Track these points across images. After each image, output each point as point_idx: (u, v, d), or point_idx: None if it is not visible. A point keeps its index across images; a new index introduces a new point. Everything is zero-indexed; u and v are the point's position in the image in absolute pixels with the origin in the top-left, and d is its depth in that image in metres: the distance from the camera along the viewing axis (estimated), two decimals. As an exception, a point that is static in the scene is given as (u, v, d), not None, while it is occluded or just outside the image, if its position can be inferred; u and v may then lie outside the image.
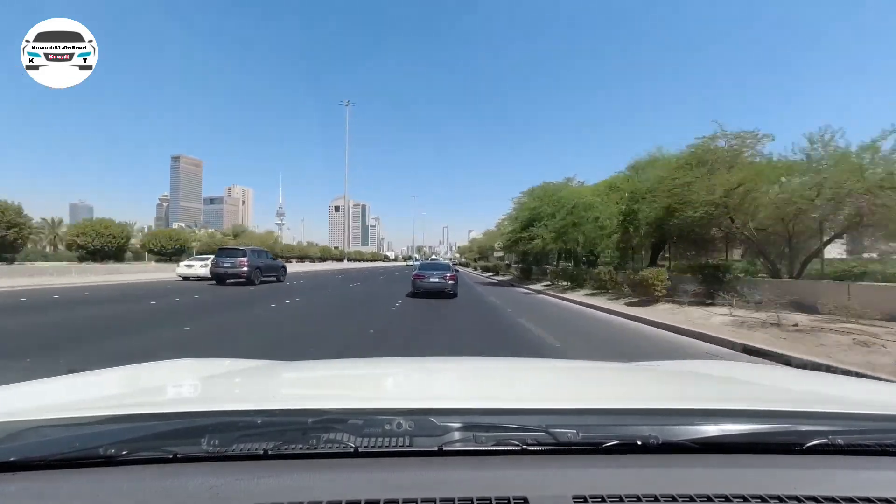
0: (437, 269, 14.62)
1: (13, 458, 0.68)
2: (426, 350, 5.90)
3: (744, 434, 0.79)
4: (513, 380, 1.53)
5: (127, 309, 9.71)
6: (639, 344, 6.92)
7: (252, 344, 6.15)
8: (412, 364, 1.94)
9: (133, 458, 0.70)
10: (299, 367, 1.76)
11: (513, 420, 0.79)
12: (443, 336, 7.09)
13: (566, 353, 6.13)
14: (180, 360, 1.76)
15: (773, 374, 1.70)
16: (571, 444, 0.73)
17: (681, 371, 1.71)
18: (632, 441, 0.74)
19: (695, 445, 0.75)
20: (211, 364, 1.68)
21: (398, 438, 0.72)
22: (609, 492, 0.64)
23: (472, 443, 0.73)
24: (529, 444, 0.73)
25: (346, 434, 0.72)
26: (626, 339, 7.29)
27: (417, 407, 0.85)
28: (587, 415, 0.86)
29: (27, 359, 4.74)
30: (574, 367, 2.06)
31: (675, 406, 0.97)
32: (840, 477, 0.73)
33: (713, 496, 0.64)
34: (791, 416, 0.85)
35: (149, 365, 1.65)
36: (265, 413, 0.84)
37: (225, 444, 0.70)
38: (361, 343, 6.34)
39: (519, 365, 2.03)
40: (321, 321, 8.69)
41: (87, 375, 1.35)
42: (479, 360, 2.46)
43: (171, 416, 0.81)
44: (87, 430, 0.74)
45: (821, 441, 0.75)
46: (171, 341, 6.18)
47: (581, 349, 6.54)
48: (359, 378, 1.55)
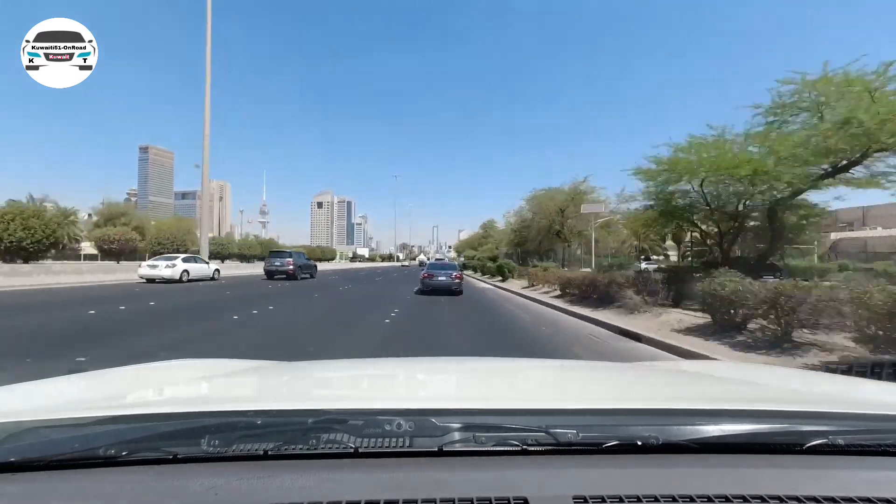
0: (444, 268, 15.84)
1: (13, 459, 0.68)
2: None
3: (744, 434, 0.79)
4: (513, 380, 1.54)
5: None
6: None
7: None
8: (412, 364, 1.94)
9: (133, 459, 0.70)
10: (299, 368, 1.76)
11: (513, 420, 0.79)
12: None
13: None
14: (180, 361, 1.76)
15: (774, 373, 1.70)
16: (571, 444, 0.73)
17: (681, 371, 1.71)
18: (632, 441, 0.74)
19: (695, 446, 0.75)
20: (211, 364, 1.68)
21: (398, 439, 0.72)
22: (609, 492, 0.64)
23: (472, 443, 0.73)
24: (529, 444, 0.73)
25: (346, 434, 0.72)
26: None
27: (417, 407, 0.86)
28: (587, 415, 0.86)
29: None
30: (574, 367, 2.06)
31: (675, 406, 0.97)
32: (840, 477, 0.73)
33: (713, 496, 0.64)
34: (791, 416, 0.85)
35: (149, 365, 1.65)
36: (265, 413, 0.84)
37: (225, 445, 0.70)
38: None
39: (519, 365, 2.03)
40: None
41: (87, 376, 1.35)
42: (479, 360, 2.46)
43: (172, 416, 0.81)
44: (87, 431, 0.74)
45: (821, 441, 0.75)
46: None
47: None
48: (359, 378, 1.56)
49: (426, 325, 8.31)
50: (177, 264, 18.50)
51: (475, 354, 5.60)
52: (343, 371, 1.71)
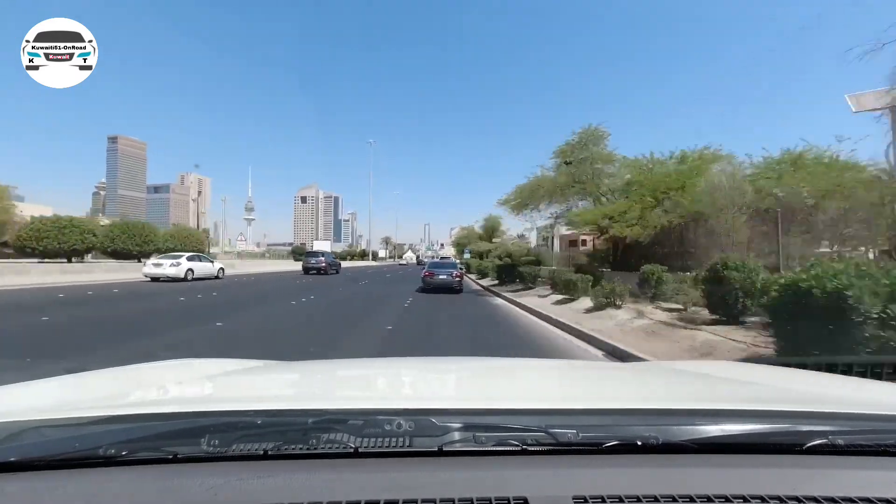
0: (445, 267, 16.78)
1: (13, 458, 0.68)
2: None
3: (744, 434, 0.79)
4: (513, 380, 1.54)
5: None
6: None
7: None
8: (412, 364, 1.94)
9: (133, 459, 0.70)
10: (299, 367, 1.76)
11: (513, 420, 0.79)
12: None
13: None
14: (181, 360, 1.76)
15: (774, 373, 1.69)
16: (571, 444, 0.73)
17: (681, 371, 1.71)
18: (632, 441, 0.74)
19: (695, 446, 0.75)
20: (211, 364, 1.68)
21: (398, 439, 0.72)
22: (609, 492, 0.64)
23: (472, 443, 0.73)
24: (529, 444, 0.73)
25: (346, 434, 0.72)
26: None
27: (417, 407, 0.86)
28: (587, 415, 0.86)
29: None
30: (574, 367, 2.06)
31: (675, 406, 0.97)
32: (840, 477, 0.73)
33: (713, 496, 0.63)
34: (791, 417, 0.85)
35: (149, 365, 1.65)
36: (265, 413, 0.84)
37: (225, 445, 0.70)
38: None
39: (519, 365, 2.03)
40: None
41: (87, 375, 1.35)
42: (479, 360, 2.46)
43: (171, 416, 0.81)
44: (87, 431, 0.74)
45: (821, 441, 0.75)
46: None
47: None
48: (359, 378, 1.55)
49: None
50: (181, 263, 18.49)
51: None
52: (343, 371, 1.71)
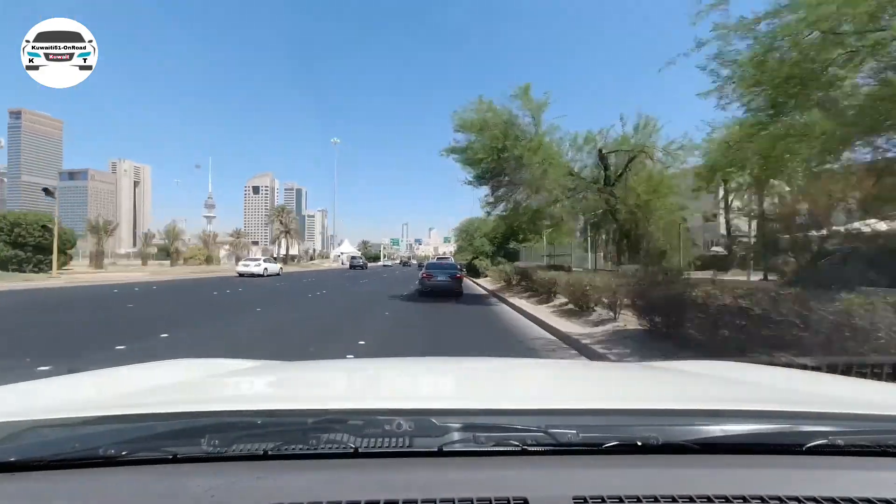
0: (444, 268, 14.97)
1: (13, 458, 0.68)
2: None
3: (744, 434, 0.79)
4: (513, 380, 1.53)
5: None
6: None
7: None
8: (412, 364, 1.94)
9: (133, 459, 0.70)
10: (299, 367, 1.76)
11: (513, 421, 0.78)
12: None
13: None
14: (180, 360, 1.76)
15: (774, 374, 1.69)
16: (571, 444, 0.73)
17: (681, 371, 1.71)
18: (632, 441, 0.74)
19: (695, 446, 0.75)
20: (211, 364, 1.68)
21: (398, 439, 0.72)
22: (609, 492, 0.64)
23: (472, 443, 0.73)
24: (529, 444, 0.73)
25: (346, 434, 0.72)
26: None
27: (417, 407, 0.86)
28: (587, 415, 0.86)
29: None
30: (574, 367, 2.07)
31: (675, 406, 0.97)
32: (840, 477, 0.73)
33: (713, 496, 0.63)
34: (791, 417, 0.85)
35: (148, 365, 1.65)
36: (265, 413, 0.84)
37: (225, 445, 0.70)
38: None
39: (519, 365, 2.03)
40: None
41: (86, 375, 1.35)
42: (479, 360, 2.46)
43: (171, 416, 0.81)
44: (86, 431, 0.74)
45: (821, 441, 0.75)
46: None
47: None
48: (359, 378, 1.55)
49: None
50: (261, 263, 27.08)
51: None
52: (343, 370, 1.71)
